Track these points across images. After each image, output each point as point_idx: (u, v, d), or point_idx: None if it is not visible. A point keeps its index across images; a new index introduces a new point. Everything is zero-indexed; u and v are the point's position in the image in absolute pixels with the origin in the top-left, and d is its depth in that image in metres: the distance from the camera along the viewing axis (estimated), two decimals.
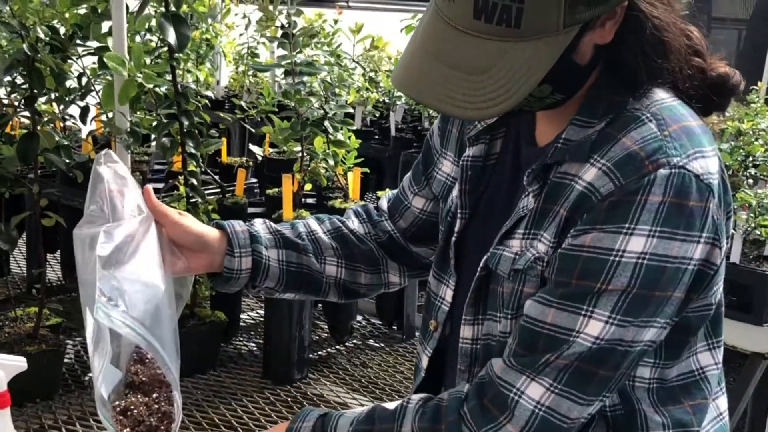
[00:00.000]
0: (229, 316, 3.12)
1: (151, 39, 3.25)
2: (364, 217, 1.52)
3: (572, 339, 1.10)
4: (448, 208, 1.37)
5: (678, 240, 1.07)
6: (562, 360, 1.10)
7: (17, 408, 2.55)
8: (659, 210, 1.07)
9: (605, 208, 1.09)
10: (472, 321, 1.27)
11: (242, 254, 1.37)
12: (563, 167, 1.16)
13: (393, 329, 3.57)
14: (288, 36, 3.05)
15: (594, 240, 1.09)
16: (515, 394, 1.12)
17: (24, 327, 2.81)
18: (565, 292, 1.11)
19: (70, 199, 3.45)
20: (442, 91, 1.08)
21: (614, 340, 1.09)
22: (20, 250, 4.05)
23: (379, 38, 4.26)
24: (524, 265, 1.17)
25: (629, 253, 1.07)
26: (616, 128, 1.13)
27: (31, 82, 2.56)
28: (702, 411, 1.24)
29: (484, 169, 1.33)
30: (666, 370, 1.21)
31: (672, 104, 1.15)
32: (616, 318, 1.09)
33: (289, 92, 3.07)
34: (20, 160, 2.63)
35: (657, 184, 1.07)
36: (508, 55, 1.06)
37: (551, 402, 1.11)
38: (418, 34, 1.12)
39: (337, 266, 1.46)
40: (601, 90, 1.17)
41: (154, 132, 2.79)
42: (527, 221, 1.19)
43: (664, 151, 1.08)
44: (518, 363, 1.13)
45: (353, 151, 3.33)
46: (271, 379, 3.01)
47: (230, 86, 6.10)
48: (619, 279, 1.07)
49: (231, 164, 4.08)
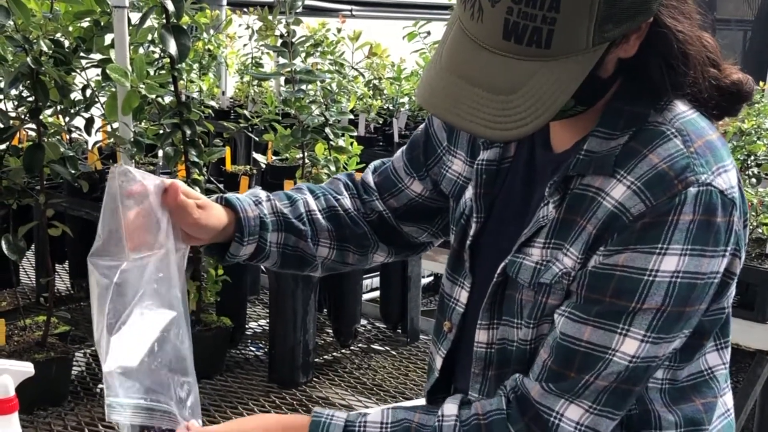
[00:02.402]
0: (234, 322, 3.16)
1: (154, 50, 3.30)
2: (353, 192, 1.52)
3: (608, 357, 1.12)
4: (462, 210, 1.37)
5: (707, 257, 1.10)
6: (601, 381, 1.13)
7: (27, 415, 2.59)
8: (690, 229, 1.09)
9: (639, 228, 1.10)
10: (488, 325, 1.28)
11: (250, 242, 1.37)
12: (585, 179, 1.17)
13: (397, 332, 3.60)
14: (287, 44, 3.09)
15: (627, 260, 1.11)
16: (555, 417, 1.15)
17: (33, 335, 2.86)
18: (600, 310, 1.13)
19: (77, 209, 3.50)
20: (470, 111, 1.08)
21: (649, 358, 1.13)
22: (29, 261, 4.09)
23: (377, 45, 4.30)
24: (551, 280, 1.19)
25: (663, 272, 1.09)
26: (641, 143, 1.14)
27: (35, 95, 2.61)
28: (712, 409, 1.26)
29: (499, 172, 1.33)
30: (678, 371, 1.23)
31: (693, 118, 1.17)
32: (650, 336, 1.11)
33: (289, 99, 3.11)
34: (26, 171, 2.68)
35: (687, 203, 1.09)
36: (537, 75, 1.06)
37: (590, 422, 1.15)
38: (443, 52, 1.12)
39: (330, 248, 1.46)
40: (623, 101, 1.18)
41: (158, 141, 2.83)
42: (548, 231, 1.20)
43: (692, 169, 1.10)
44: (557, 388, 1.15)
45: (355, 157, 3.37)
46: (277, 383, 3.04)
47: (236, 96, 6.15)
48: (653, 298, 1.10)
49: (235, 172, 4.12)
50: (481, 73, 1.07)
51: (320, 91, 3.29)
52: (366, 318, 3.68)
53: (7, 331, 2.85)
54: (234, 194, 1.40)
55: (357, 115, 5.12)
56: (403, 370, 3.25)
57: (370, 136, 5.49)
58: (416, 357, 3.38)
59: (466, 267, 1.35)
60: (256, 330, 3.58)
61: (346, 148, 3.31)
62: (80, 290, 3.80)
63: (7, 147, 2.79)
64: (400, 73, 5.23)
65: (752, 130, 3.72)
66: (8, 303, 3.21)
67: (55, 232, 2.79)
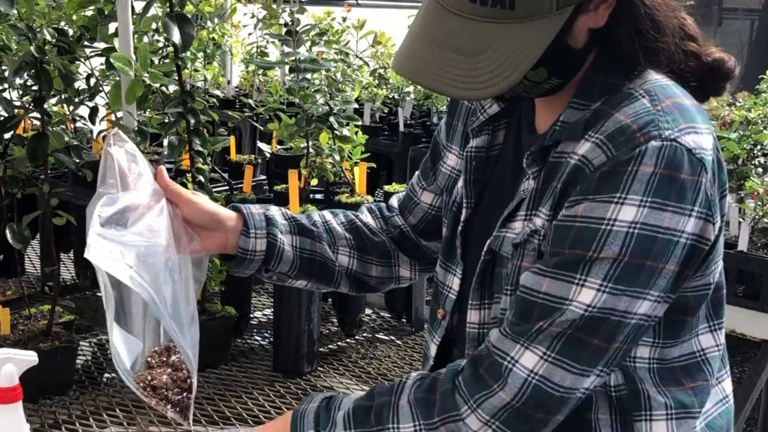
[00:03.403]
0: (239, 312, 3.16)
1: (158, 39, 3.29)
2: (376, 213, 1.56)
3: (565, 307, 1.13)
4: (453, 198, 1.40)
5: (669, 211, 1.10)
6: (555, 327, 1.13)
7: (32, 404, 2.60)
8: (650, 181, 1.10)
9: (597, 178, 1.12)
10: (479, 305, 1.30)
11: (257, 235, 1.39)
12: (560, 147, 1.20)
13: (402, 322, 3.60)
14: (291, 33, 3.08)
15: (586, 210, 1.12)
16: (509, 362, 1.15)
17: (37, 325, 2.86)
18: (558, 261, 1.14)
19: (81, 198, 3.50)
20: (440, 73, 1.12)
21: (606, 309, 1.12)
22: (34, 250, 4.10)
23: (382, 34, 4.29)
24: (521, 239, 1.20)
25: (620, 222, 1.10)
26: (610, 105, 1.17)
27: (39, 84, 2.61)
28: (703, 393, 1.26)
29: (488, 159, 1.35)
30: (666, 350, 1.23)
31: (665, 83, 1.19)
32: (607, 286, 1.11)
33: (293, 89, 3.10)
34: (31, 160, 2.68)
35: (648, 155, 1.10)
36: (503, 36, 1.10)
37: (544, 371, 1.14)
38: (417, 20, 1.17)
39: (350, 257, 1.48)
40: (597, 73, 1.21)
41: (162, 131, 2.83)
42: (527, 202, 1.23)
43: (656, 124, 1.12)
44: (513, 332, 1.16)
45: (359, 147, 3.36)
46: (282, 373, 3.04)
47: (241, 86, 6.14)
48: (610, 247, 1.10)
49: (240, 162, 4.12)
50: (448, 36, 1.11)
51: (325, 80, 3.28)
52: (371, 307, 3.68)
53: (12, 320, 2.85)
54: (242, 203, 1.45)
55: (362, 104, 5.11)
56: (408, 359, 3.25)
57: (375, 125, 5.49)
58: (421, 347, 3.38)
59: (458, 254, 1.37)
60: (261, 319, 3.58)
61: (350, 137, 3.30)
62: (85, 279, 3.80)
63: (11, 136, 2.79)
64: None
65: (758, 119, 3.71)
66: (13, 292, 3.21)
67: (59, 221, 2.79)
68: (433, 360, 1.42)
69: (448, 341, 1.40)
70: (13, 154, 2.78)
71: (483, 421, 1.14)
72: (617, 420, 1.22)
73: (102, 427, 2.59)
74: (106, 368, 3.03)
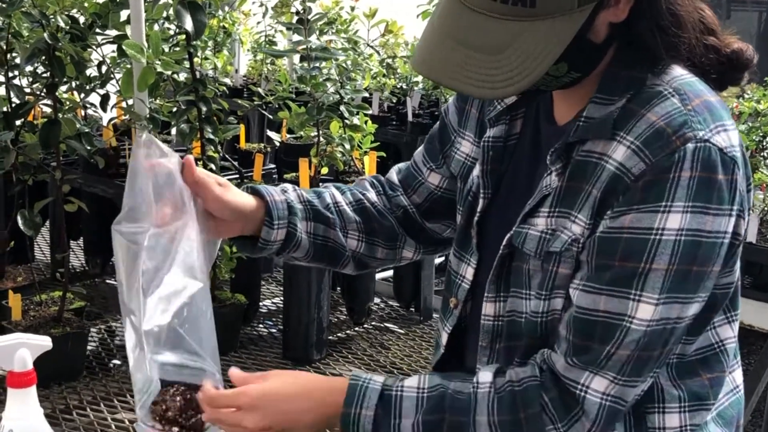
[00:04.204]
0: (248, 299, 3.17)
1: (169, 27, 3.29)
2: (379, 189, 1.53)
3: (626, 324, 1.13)
4: (469, 188, 1.38)
5: (711, 214, 1.10)
6: (622, 351, 1.13)
7: (43, 389, 2.61)
8: (690, 185, 1.09)
9: (641, 188, 1.11)
10: (494, 298, 1.29)
11: (280, 226, 1.37)
12: (587, 145, 1.18)
13: (411, 311, 3.61)
14: (303, 21, 3.08)
15: (633, 221, 1.11)
16: (581, 390, 1.15)
17: (48, 311, 2.88)
18: (611, 277, 1.13)
19: (92, 185, 3.51)
20: (460, 72, 1.10)
21: (663, 320, 1.13)
22: (44, 237, 4.12)
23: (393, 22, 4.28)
24: (561, 248, 1.19)
25: (668, 230, 1.10)
26: (639, 104, 1.15)
27: (52, 71, 2.61)
28: (719, 384, 1.26)
29: (505, 149, 1.34)
30: (687, 346, 1.23)
31: (691, 80, 1.17)
32: (662, 298, 1.11)
33: (304, 77, 3.10)
34: (42, 147, 2.69)
35: (686, 159, 1.09)
36: (524, 34, 1.08)
37: (616, 392, 1.15)
38: (435, 17, 1.15)
39: (358, 240, 1.47)
40: (619, 67, 1.19)
41: (173, 118, 2.83)
42: (552, 200, 1.21)
43: (689, 125, 1.11)
44: (580, 362, 1.16)
45: (369, 135, 3.36)
46: (291, 360, 3.06)
47: (249, 74, 6.15)
48: (661, 257, 1.10)
49: (249, 150, 4.12)
50: (468, 34, 1.10)
51: (335, 69, 3.28)
52: (379, 296, 3.70)
53: (23, 306, 2.86)
54: (260, 185, 1.41)
55: (370, 94, 5.11)
56: (416, 348, 3.26)
57: (383, 115, 5.49)
58: (429, 336, 3.39)
59: (473, 243, 1.36)
60: (270, 307, 3.60)
61: (360, 126, 3.31)
62: (95, 266, 3.82)
63: (22, 123, 2.80)
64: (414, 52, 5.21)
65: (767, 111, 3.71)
66: (24, 278, 3.23)
67: (71, 207, 2.80)
68: (444, 348, 1.41)
69: (459, 330, 1.40)
70: (25, 141, 2.79)
71: None
72: (630, 412, 1.22)
73: (113, 413, 2.60)
74: (116, 354, 3.05)
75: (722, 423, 1.28)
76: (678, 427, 1.23)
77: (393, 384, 1.21)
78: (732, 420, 1.30)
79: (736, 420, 1.31)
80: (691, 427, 1.23)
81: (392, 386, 1.21)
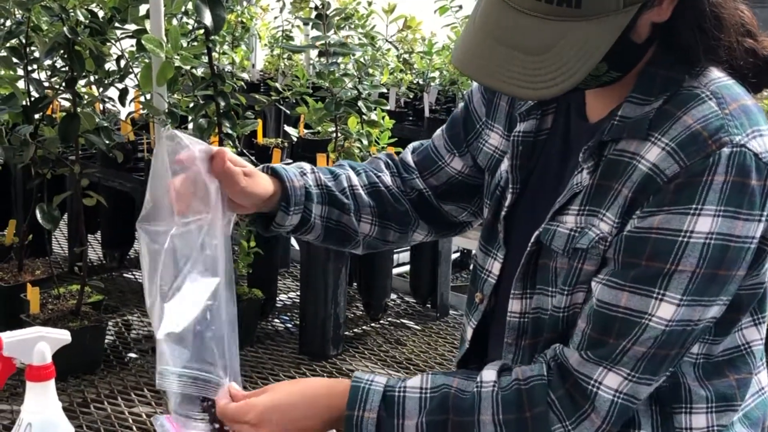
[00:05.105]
0: (265, 294, 3.18)
1: (188, 21, 3.30)
2: (394, 170, 1.52)
3: (645, 321, 1.12)
4: (497, 182, 1.37)
5: (741, 219, 1.09)
6: (638, 347, 1.12)
7: (61, 382, 2.63)
8: (723, 189, 1.08)
9: (672, 190, 1.10)
10: (521, 295, 1.28)
11: (295, 212, 1.37)
12: (620, 144, 1.17)
13: (427, 307, 3.60)
14: (322, 17, 3.08)
15: (662, 222, 1.10)
16: (593, 386, 1.14)
17: (66, 304, 2.89)
18: (636, 275, 1.12)
19: (110, 179, 3.53)
20: (502, 71, 1.09)
21: (683, 321, 1.12)
22: (62, 231, 4.13)
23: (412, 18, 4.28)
24: (587, 245, 1.18)
25: (697, 233, 1.09)
26: (675, 106, 1.13)
27: (71, 65, 2.62)
28: (746, 385, 1.25)
29: (535, 144, 1.33)
30: (714, 346, 1.22)
31: (728, 83, 1.16)
32: (686, 299, 1.11)
33: (323, 72, 3.10)
34: (61, 140, 2.70)
35: (721, 163, 1.08)
36: (568, 35, 1.07)
37: (629, 389, 1.14)
38: (477, 14, 1.14)
39: (371, 224, 1.46)
40: (657, 67, 1.17)
41: (192, 113, 2.84)
42: (582, 197, 1.20)
43: (726, 129, 1.09)
44: (595, 356, 1.15)
45: (387, 131, 3.36)
46: (307, 355, 3.06)
47: (265, 69, 6.15)
48: (688, 260, 1.09)
49: (267, 145, 4.13)
50: (511, 33, 1.09)
51: (353, 64, 3.28)
52: (396, 292, 3.69)
53: (41, 299, 2.88)
54: (280, 164, 1.39)
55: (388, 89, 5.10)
56: (433, 344, 3.25)
57: (400, 110, 5.49)
58: (446, 332, 3.38)
59: (500, 238, 1.35)
60: (287, 302, 3.60)
61: (378, 121, 3.30)
62: (112, 260, 3.83)
63: (41, 117, 2.81)
64: (431, 48, 5.20)
65: None
66: (42, 272, 3.24)
67: (90, 201, 2.81)
68: (469, 343, 1.41)
69: (484, 325, 1.39)
70: (44, 134, 2.80)
71: None
72: (657, 412, 1.22)
73: (130, 407, 2.61)
74: (133, 348, 3.06)
75: (748, 424, 1.27)
76: (705, 428, 1.22)
77: (396, 385, 1.21)
78: (758, 421, 1.29)
79: (762, 421, 1.30)
80: (718, 427, 1.22)
81: (395, 387, 1.21)
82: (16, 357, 1.31)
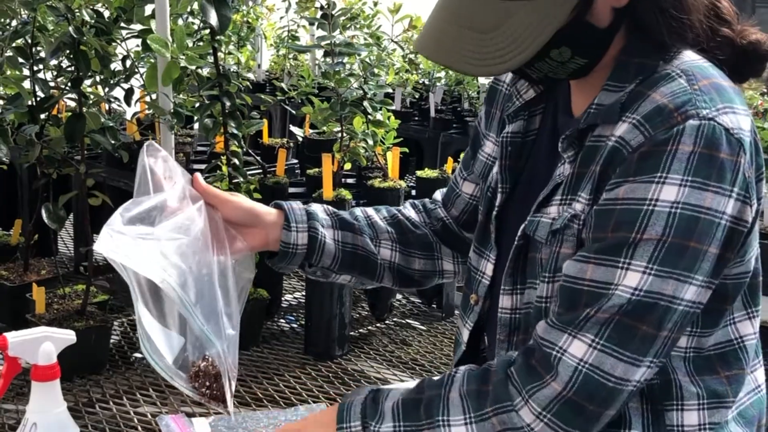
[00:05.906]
0: (271, 294, 3.18)
1: (193, 21, 3.30)
2: (419, 208, 1.57)
3: (611, 291, 1.10)
4: (489, 184, 1.39)
5: (710, 191, 1.09)
6: (602, 314, 1.11)
7: (66, 382, 2.62)
8: (690, 160, 1.08)
9: (636, 159, 1.11)
10: (511, 291, 1.29)
11: (299, 229, 1.40)
12: (597, 131, 1.19)
13: (432, 308, 3.60)
14: (327, 16, 3.08)
15: (627, 191, 1.11)
16: (558, 352, 1.13)
17: (72, 304, 2.89)
18: (601, 246, 1.12)
19: (116, 179, 3.53)
20: (455, 50, 1.13)
21: (654, 293, 1.09)
22: (67, 231, 4.14)
23: (418, 18, 4.27)
24: (561, 224, 1.19)
25: (662, 202, 1.08)
26: (646, 86, 1.15)
27: (77, 65, 2.62)
28: (738, 382, 1.24)
29: (524, 144, 1.35)
30: (703, 339, 1.21)
31: (703, 65, 1.17)
32: (653, 268, 1.09)
33: (328, 72, 3.10)
34: (67, 140, 2.70)
35: (687, 134, 1.08)
36: (519, 13, 1.10)
37: (594, 359, 1.11)
38: None
39: (392, 250, 1.48)
40: (632, 56, 1.19)
41: (197, 113, 2.83)
42: (564, 187, 1.21)
43: (693, 103, 1.10)
44: (559, 321, 1.14)
45: (392, 131, 3.36)
46: (313, 356, 3.05)
47: (271, 69, 6.16)
48: (653, 228, 1.09)
49: (272, 145, 4.12)
50: (465, 13, 1.13)
51: (359, 64, 3.28)
52: (401, 293, 3.69)
53: (47, 299, 2.88)
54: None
55: (393, 89, 5.10)
56: (438, 345, 3.25)
57: (406, 110, 5.49)
58: (451, 332, 3.38)
59: (492, 239, 1.36)
60: (292, 302, 3.60)
61: (384, 121, 3.30)
62: None
63: (47, 116, 2.81)
64: None
65: None
66: (47, 271, 3.25)
67: (95, 201, 2.81)
68: (466, 345, 1.41)
69: (480, 327, 1.40)
70: (49, 134, 2.80)
71: (535, 413, 1.12)
72: (648, 409, 1.20)
73: (135, 406, 2.61)
74: (139, 348, 3.05)
75: (743, 422, 1.26)
76: (697, 425, 1.20)
77: (383, 387, 1.27)
78: (753, 419, 1.28)
79: (757, 419, 1.29)
80: (710, 425, 1.21)
81: (382, 388, 1.26)
82: (21, 357, 1.32)
